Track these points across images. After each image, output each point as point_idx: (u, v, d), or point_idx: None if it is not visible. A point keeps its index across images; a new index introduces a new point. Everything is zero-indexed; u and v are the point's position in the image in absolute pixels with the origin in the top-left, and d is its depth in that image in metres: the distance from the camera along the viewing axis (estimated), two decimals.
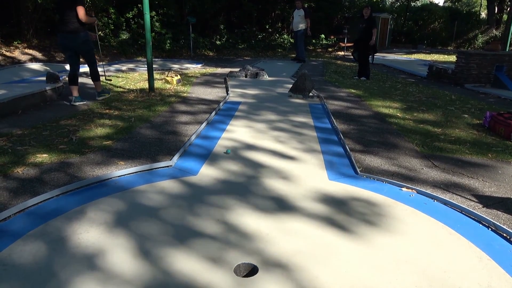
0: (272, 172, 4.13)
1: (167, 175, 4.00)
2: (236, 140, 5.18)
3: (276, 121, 6.26)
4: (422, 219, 3.23)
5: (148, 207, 3.31)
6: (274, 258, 2.65)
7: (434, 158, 4.79)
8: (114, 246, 2.75)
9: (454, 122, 6.56)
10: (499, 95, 9.28)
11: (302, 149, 4.92)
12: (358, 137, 5.60)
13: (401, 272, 2.53)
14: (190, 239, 2.85)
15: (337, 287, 2.38)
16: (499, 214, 3.40)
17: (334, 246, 2.82)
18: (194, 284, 2.37)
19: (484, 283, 2.46)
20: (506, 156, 4.89)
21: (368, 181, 3.98)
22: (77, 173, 4.02)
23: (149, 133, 5.52)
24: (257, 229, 3.00)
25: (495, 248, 2.85)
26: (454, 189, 3.88)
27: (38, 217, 3.11)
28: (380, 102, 8.08)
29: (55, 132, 5.42)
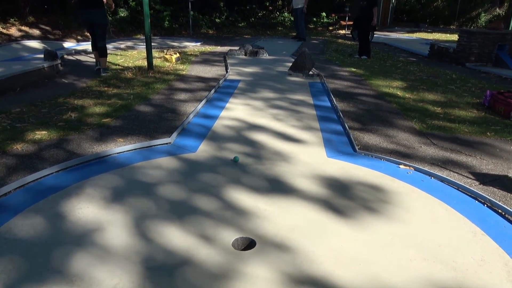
0: (271, 150, 4.14)
1: (165, 152, 4.01)
2: (235, 118, 5.17)
3: (275, 99, 6.23)
4: (419, 195, 3.26)
5: (147, 184, 3.33)
6: (271, 234, 2.68)
7: (432, 136, 4.79)
8: (113, 221, 2.78)
9: (454, 101, 6.53)
10: (500, 74, 9.20)
11: (301, 127, 4.92)
12: (358, 115, 5.59)
13: (397, 247, 2.57)
14: (188, 215, 2.88)
15: (333, 261, 2.42)
16: (495, 191, 3.42)
17: (331, 222, 2.85)
18: (193, 257, 2.42)
19: (477, 256, 2.50)
20: (505, 135, 4.89)
21: (366, 159, 4.00)
22: (76, 150, 4.03)
23: (148, 110, 5.50)
24: (255, 206, 3.03)
25: (489, 224, 2.88)
26: (451, 167, 3.90)
27: (37, 193, 3.14)
28: (380, 81, 8.02)
29: (54, 110, 5.41)
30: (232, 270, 2.31)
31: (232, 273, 2.28)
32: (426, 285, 2.24)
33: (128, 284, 2.18)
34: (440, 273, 2.34)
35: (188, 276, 2.25)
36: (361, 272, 2.32)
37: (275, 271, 2.31)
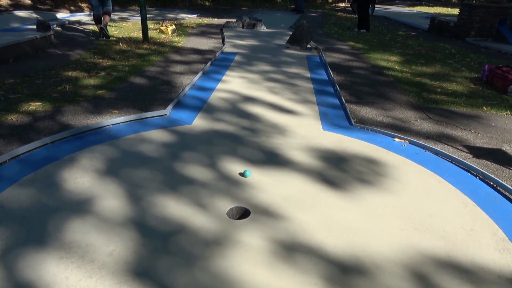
0: (266, 122, 4.14)
1: (161, 124, 4.00)
2: (231, 91, 5.13)
3: (272, 72, 6.17)
4: (412, 167, 3.29)
5: (142, 155, 3.34)
6: (265, 204, 2.72)
7: (428, 110, 4.79)
8: (109, 191, 2.80)
9: (451, 76, 6.50)
10: (500, 49, 9.12)
11: (297, 100, 4.90)
12: (355, 89, 5.56)
13: (388, 217, 2.62)
14: (183, 185, 2.91)
15: (325, 229, 2.47)
16: (488, 164, 3.46)
17: (324, 193, 2.88)
18: (187, 226, 2.45)
19: (467, 226, 2.55)
20: (501, 109, 4.90)
21: (361, 132, 4.01)
22: (71, 121, 4.01)
23: (143, 83, 5.45)
24: (249, 177, 3.06)
25: (481, 195, 2.93)
26: (446, 140, 3.92)
27: (33, 163, 3.15)
28: (378, 55, 7.94)
29: (48, 81, 5.34)
30: (226, 238, 2.35)
31: (226, 241, 2.33)
32: (415, 253, 2.30)
33: (124, 250, 2.22)
34: (429, 242, 2.39)
35: (183, 244, 2.29)
36: (352, 241, 2.37)
37: (268, 240, 2.35)
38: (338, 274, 2.11)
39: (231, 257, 2.20)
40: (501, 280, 2.13)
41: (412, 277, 2.12)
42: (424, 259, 2.25)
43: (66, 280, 2.01)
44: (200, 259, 2.18)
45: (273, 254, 2.24)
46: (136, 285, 1.99)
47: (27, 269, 2.07)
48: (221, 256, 2.21)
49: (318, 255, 2.24)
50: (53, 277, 2.02)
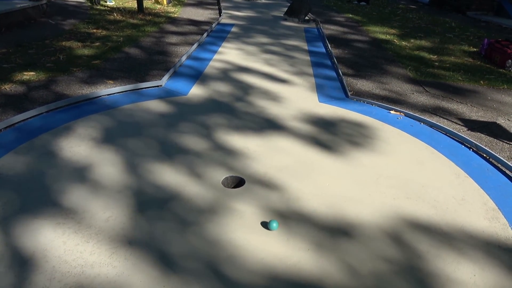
0: (262, 94, 4.12)
1: (157, 95, 3.98)
2: (228, 62, 5.08)
3: (269, 44, 6.09)
4: (407, 139, 3.31)
5: (137, 125, 3.33)
6: (260, 174, 2.74)
7: (426, 83, 4.77)
8: (105, 159, 2.81)
9: (450, 50, 6.44)
10: (501, 23, 9.00)
11: (294, 72, 4.86)
12: (352, 61, 5.51)
13: (381, 186, 2.66)
14: (178, 154, 2.92)
15: (319, 198, 2.50)
16: (482, 137, 3.48)
17: (319, 163, 2.91)
18: (182, 193, 2.48)
19: (459, 196, 2.60)
20: (498, 83, 4.89)
21: (357, 104, 4.00)
22: (65, 91, 3.97)
23: (138, 53, 5.37)
24: (245, 147, 3.07)
25: (473, 167, 2.96)
26: (441, 113, 3.93)
27: (28, 132, 3.14)
28: (378, 28, 7.83)
29: (41, 51, 5.26)
30: (221, 206, 2.39)
31: (221, 209, 2.36)
32: (406, 221, 2.34)
33: (120, 217, 2.25)
34: (421, 211, 2.44)
35: (178, 210, 2.32)
36: (345, 209, 2.41)
37: (262, 208, 2.39)
38: (330, 241, 2.16)
39: (225, 224, 2.24)
40: (488, 247, 2.18)
41: (402, 244, 2.17)
42: (414, 227, 2.30)
43: (63, 245, 2.05)
44: (195, 225, 2.22)
45: (267, 221, 2.27)
46: (132, 250, 2.03)
47: (24, 234, 2.11)
48: (216, 222, 2.25)
49: (311, 223, 2.29)
50: (51, 242, 2.06)
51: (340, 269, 1.98)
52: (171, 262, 1.97)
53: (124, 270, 1.91)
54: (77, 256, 1.98)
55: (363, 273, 1.96)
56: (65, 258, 1.96)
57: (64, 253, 1.99)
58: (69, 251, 2.00)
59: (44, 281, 1.83)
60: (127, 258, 1.98)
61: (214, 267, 1.95)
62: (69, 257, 1.97)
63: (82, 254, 1.99)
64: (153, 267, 1.94)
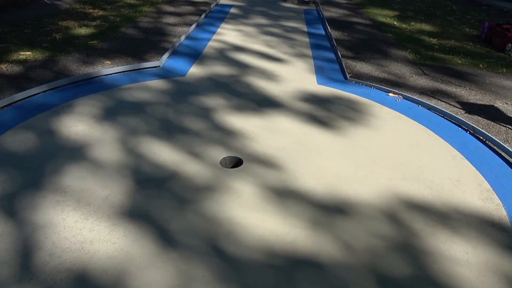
0: (261, 75, 4.10)
1: (155, 75, 3.96)
2: (226, 43, 5.04)
3: (268, 25, 6.03)
4: (405, 121, 3.32)
5: (136, 105, 3.33)
6: (258, 154, 2.76)
7: (425, 66, 4.76)
8: (103, 138, 2.82)
9: (450, 33, 6.39)
10: (502, 7, 8.90)
11: (293, 53, 4.83)
12: (352, 44, 5.47)
13: (378, 167, 2.68)
14: (177, 134, 2.93)
15: (316, 177, 2.53)
16: (479, 120, 3.50)
17: (316, 143, 2.92)
18: (181, 172, 2.50)
19: (454, 177, 2.62)
20: (497, 67, 4.87)
21: (356, 86, 4.00)
22: (63, 71, 3.95)
23: (136, 33, 5.32)
24: (243, 127, 3.08)
25: (469, 149, 2.98)
26: (440, 96, 3.93)
27: (26, 111, 3.13)
28: (378, 10, 7.74)
29: (38, 31, 5.19)
30: (219, 185, 2.41)
31: (219, 187, 2.38)
32: (402, 201, 2.37)
33: (119, 195, 2.28)
34: (417, 191, 2.46)
35: (176, 189, 2.35)
36: (342, 189, 2.44)
37: (260, 187, 2.41)
38: (327, 219, 2.19)
39: (223, 202, 2.27)
40: (482, 226, 2.22)
41: (397, 222, 2.20)
42: (409, 207, 2.33)
43: (63, 222, 2.07)
44: (194, 203, 2.24)
45: (264, 200, 2.30)
46: (131, 227, 2.06)
47: (24, 211, 2.13)
48: (214, 201, 2.27)
49: (308, 202, 2.31)
50: (50, 219, 2.08)
51: (335, 246, 2.01)
52: (170, 239, 2.00)
53: (123, 246, 1.94)
54: (77, 232, 2.01)
55: (358, 249, 2.00)
56: (64, 235, 1.99)
57: (64, 229, 2.02)
58: (69, 228, 2.03)
59: (44, 257, 1.86)
60: (126, 234, 2.01)
61: (213, 244, 1.98)
62: (68, 233, 2.00)
63: (81, 230, 2.02)
64: (152, 243, 1.97)
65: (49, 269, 1.79)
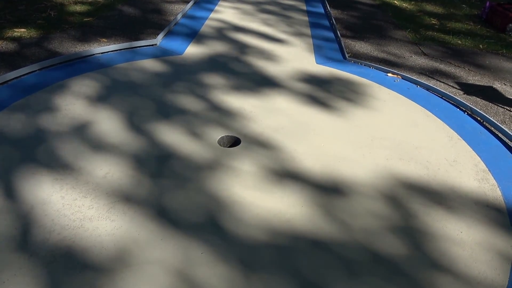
0: (259, 54, 4.06)
1: (151, 54, 3.91)
2: (224, 21, 4.96)
3: (266, 3, 5.93)
4: (403, 102, 3.32)
5: (133, 84, 3.30)
6: (256, 133, 2.76)
7: (424, 46, 4.72)
8: (101, 117, 2.81)
9: (452, 13, 6.31)
10: None
11: (291, 32, 4.77)
12: (351, 23, 5.40)
13: (375, 147, 2.69)
14: (173, 115, 2.91)
15: (313, 157, 2.54)
16: (477, 101, 3.49)
17: (314, 123, 2.92)
18: (179, 151, 2.50)
19: (451, 158, 2.64)
20: (497, 48, 4.84)
21: (355, 66, 3.97)
22: (58, 49, 3.89)
23: (132, 11, 5.22)
24: (241, 107, 3.07)
25: (467, 130, 2.99)
26: (439, 76, 3.91)
27: (21, 90, 3.10)
28: None
29: (32, 7, 5.08)
30: (217, 164, 2.42)
31: (217, 166, 2.39)
32: (398, 180, 2.39)
33: (118, 173, 2.28)
34: (413, 171, 2.48)
35: (175, 168, 2.35)
36: (339, 169, 2.45)
37: (258, 166, 2.42)
38: (324, 198, 2.21)
39: (222, 181, 2.28)
40: (477, 206, 2.25)
41: (393, 202, 2.23)
42: (406, 186, 2.35)
43: (62, 199, 2.08)
44: (192, 182, 2.26)
45: (262, 179, 2.32)
46: (130, 205, 2.07)
47: (22, 189, 2.13)
48: (212, 179, 2.29)
49: (306, 181, 2.33)
50: (49, 196, 2.09)
51: (332, 224, 2.04)
52: (168, 216, 2.02)
53: (122, 223, 1.96)
54: (76, 210, 2.02)
55: (355, 228, 2.03)
56: (63, 212, 2.00)
57: (63, 207, 2.03)
58: (68, 206, 2.04)
59: (44, 234, 1.88)
60: (125, 212, 2.02)
61: (211, 221, 2.00)
62: (67, 211, 2.01)
63: (80, 208, 2.03)
64: (151, 221, 1.99)
65: (49, 246, 1.81)
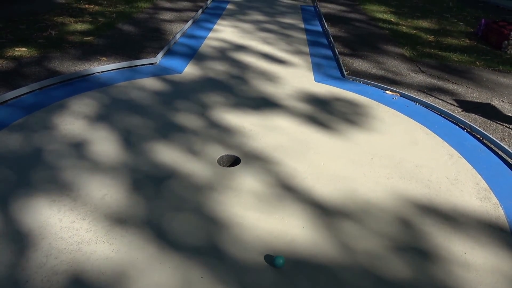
0: (258, 72, 4.08)
1: (151, 72, 3.93)
2: (223, 40, 5.01)
3: (265, 22, 6.00)
4: (402, 119, 3.32)
5: (132, 103, 3.30)
6: (256, 152, 2.75)
7: (422, 63, 4.76)
8: (100, 137, 2.80)
9: (447, 30, 6.39)
10: (498, 3, 8.91)
11: (290, 50, 4.81)
12: (349, 41, 5.46)
13: (376, 166, 2.68)
14: (174, 133, 2.91)
15: (314, 176, 2.52)
16: (476, 118, 3.50)
17: (314, 142, 2.92)
18: (179, 171, 2.48)
19: (452, 176, 2.63)
20: (494, 64, 4.88)
21: (353, 84, 3.99)
22: (58, 68, 3.90)
23: (132, 30, 5.27)
24: (240, 125, 3.06)
25: (467, 147, 2.99)
26: (437, 94, 3.93)
27: (21, 109, 3.10)
28: (375, 7, 7.73)
29: (33, 26, 5.13)
30: (217, 184, 2.40)
31: (217, 186, 2.37)
32: (400, 200, 2.38)
33: (116, 194, 2.26)
34: (414, 190, 2.47)
35: (174, 188, 2.33)
36: (340, 188, 2.44)
37: (258, 186, 2.40)
38: (325, 219, 2.19)
39: (221, 201, 2.26)
40: (480, 226, 2.23)
41: (395, 222, 2.20)
42: (408, 206, 2.33)
43: (59, 222, 2.05)
44: (192, 203, 2.23)
45: (262, 199, 2.30)
46: (128, 227, 2.04)
47: (20, 212, 2.11)
48: (212, 200, 2.26)
49: (306, 201, 2.31)
50: (47, 219, 2.06)
51: (334, 246, 2.01)
52: (168, 239, 1.99)
53: (120, 247, 1.93)
54: (73, 233, 1.99)
55: (357, 249, 2.00)
56: (61, 235, 1.97)
57: (60, 230, 2.00)
58: (65, 228, 2.01)
59: (41, 258, 1.84)
60: (123, 235, 1.99)
61: (211, 243, 1.97)
62: (65, 234, 1.98)
63: (78, 231, 2.00)
64: (149, 243, 1.96)
65: (45, 271, 1.78)
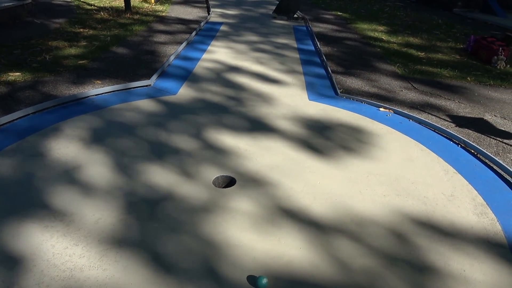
0: (252, 93, 4.11)
1: (145, 94, 3.94)
2: (217, 61, 5.05)
3: (258, 42, 6.08)
4: (396, 136, 3.34)
5: (127, 125, 3.30)
6: (251, 172, 2.73)
7: (414, 80, 4.81)
8: (94, 160, 2.78)
9: (437, 46, 6.50)
10: (487, 20, 9.11)
11: (283, 70, 4.86)
12: (341, 59, 5.53)
13: (372, 183, 2.67)
14: (168, 155, 2.90)
15: (310, 195, 2.51)
16: (470, 133, 3.52)
17: (309, 160, 2.91)
18: (174, 194, 2.46)
19: (448, 192, 2.62)
20: (484, 80, 4.95)
21: (347, 102, 4.02)
22: (52, 92, 3.91)
23: (126, 52, 5.31)
24: (235, 146, 3.06)
25: (461, 163, 2.99)
26: (430, 110, 3.96)
27: (14, 134, 3.08)
28: (366, 25, 7.87)
29: (27, 51, 5.17)
30: (212, 205, 2.37)
31: (212, 208, 2.35)
32: (397, 217, 2.36)
33: (110, 218, 2.23)
34: (411, 207, 2.45)
35: (169, 211, 2.31)
36: (336, 206, 2.42)
37: (254, 207, 2.38)
38: (322, 238, 2.16)
39: (217, 223, 2.23)
40: (478, 242, 2.21)
41: (393, 240, 2.18)
42: (405, 223, 2.32)
43: (52, 248, 2.01)
44: (187, 225, 2.20)
45: (259, 220, 2.27)
46: (122, 252, 2.01)
47: (12, 238, 2.07)
48: (208, 222, 2.24)
49: (303, 221, 2.29)
50: (39, 245, 2.02)
51: (332, 266, 1.98)
52: (163, 263, 1.95)
53: (114, 272, 1.89)
54: (66, 259, 1.95)
55: (355, 269, 1.97)
56: (53, 262, 1.93)
57: (53, 256, 1.96)
58: (58, 255, 1.97)
59: (33, 286, 1.80)
60: (117, 260, 1.96)
61: (207, 267, 1.94)
62: (58, 260, 1.94)
63: (71, 257, 1.96)
64: (144, 268, 1.92)
65: None
